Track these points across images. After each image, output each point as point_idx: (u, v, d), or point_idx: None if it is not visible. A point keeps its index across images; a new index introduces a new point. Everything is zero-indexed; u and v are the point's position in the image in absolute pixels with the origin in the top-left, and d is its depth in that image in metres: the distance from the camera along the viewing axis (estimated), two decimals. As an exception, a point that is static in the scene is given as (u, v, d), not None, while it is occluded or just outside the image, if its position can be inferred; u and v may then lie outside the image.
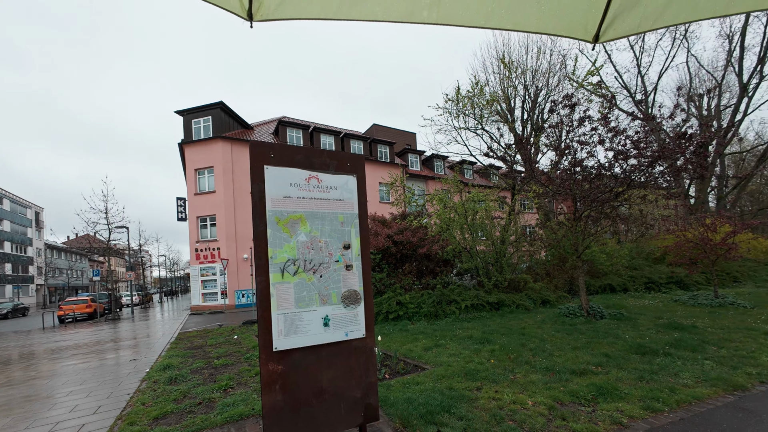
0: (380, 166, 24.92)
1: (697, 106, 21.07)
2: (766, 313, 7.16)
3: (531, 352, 5.25)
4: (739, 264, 15.25)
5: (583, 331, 6.41)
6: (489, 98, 11.48)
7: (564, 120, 6.53)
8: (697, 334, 5.61)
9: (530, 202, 9.95)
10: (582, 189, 6.55)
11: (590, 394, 3.41)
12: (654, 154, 5.82)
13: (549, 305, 9.96)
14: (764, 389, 3.44)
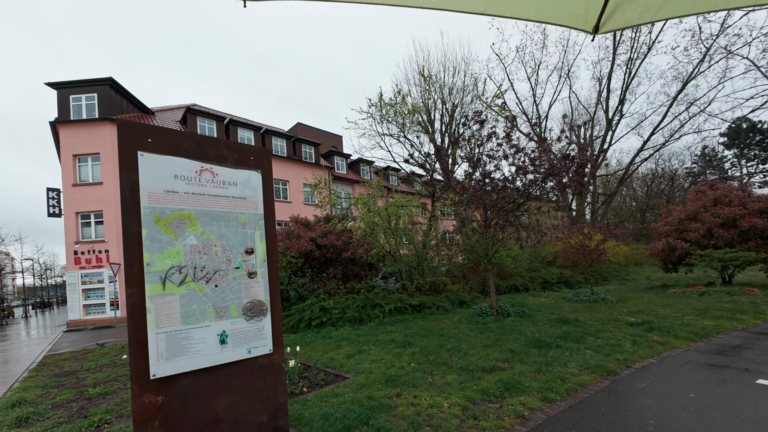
0: (305, 167, 23.83)
1: (577, 134, 25.24)
2: (627, 307, 8.74)
3: (448, 352, 5.45)
4: (607, 266, 18.61)
5: (493, 329, 6.95)
6: (411, 108, 12.00)
7: (475, 134, 7.13)
8: (579, 327, 6.52)
9: (448, 209, 10.64)
10: (491, 199, 7.19)
11: (498, 390, 3.62)
12: (546, 171, 6.71)
13: (465, 305, 10.67)
14: (629, 372, 4.09)
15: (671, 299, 9.51)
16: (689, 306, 8.19)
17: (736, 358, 4.33)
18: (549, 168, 6.92)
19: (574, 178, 7.05)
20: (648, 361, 4.48)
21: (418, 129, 13.70)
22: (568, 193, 22.81)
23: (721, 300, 8.69)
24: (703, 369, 4.04)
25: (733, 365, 4.09)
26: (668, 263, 12.36)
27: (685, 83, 20.59)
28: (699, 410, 2.99)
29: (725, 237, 10.54)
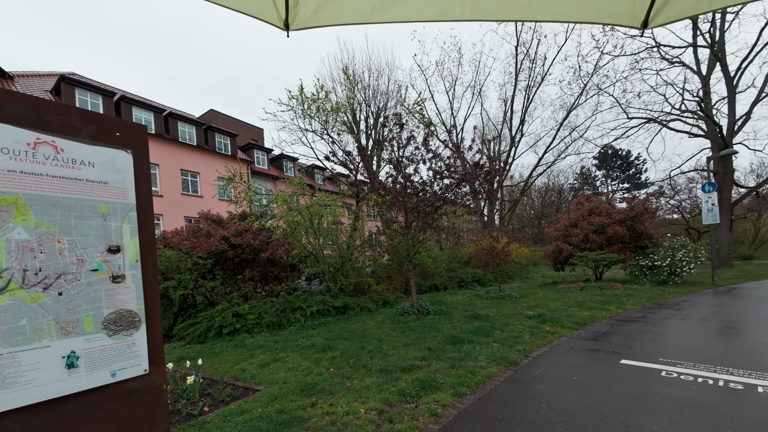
0: (219, 159, 21.33)
1: (488, 148, 28.04)
2: (527, 302, 9.89)
3: (369, 354, 5.39)
4: (512, 266, 21.00)
5: (413, 327, 7.15)
6: (335, 106, 11.81)
7: (395, 137, 7.34)
8: (489, 322, 7.12)
9: (373, 210, 10.75)
10: (411, 202, 7.44)
11: (414, 390, 3.66)
12: (460, 177, 7.20)
13: (389, 305, 10.85)
14: (527, 361, 4.55)
15: (560, 294, 11.09)
16: (572, 299, 9.63)
17: (605, 343, 5.16)
18: (463, 174, 7.38)
19: (483, 184, 7.64)
20: (542, 349, 5.06)
21: (343, 128, 13.57)
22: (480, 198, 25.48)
23: (595, 294, 10.43)
24: (582, 354, 4.71)
25: (604, 349, 4.85)
26: (557, 263, 14.45)
27: (569, 112, 24.56)
28: (580, 391, 3.44)
29: (597, 241, 12.75)
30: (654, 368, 3.93)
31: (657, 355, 4.37)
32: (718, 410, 2.85)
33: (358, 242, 10.63)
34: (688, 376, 3.63)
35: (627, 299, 9.05)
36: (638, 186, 34.71)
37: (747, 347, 4.54)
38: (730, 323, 5.89)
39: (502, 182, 26.47)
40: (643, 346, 4.82)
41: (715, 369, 3.77)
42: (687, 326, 5.89)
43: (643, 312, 7.38)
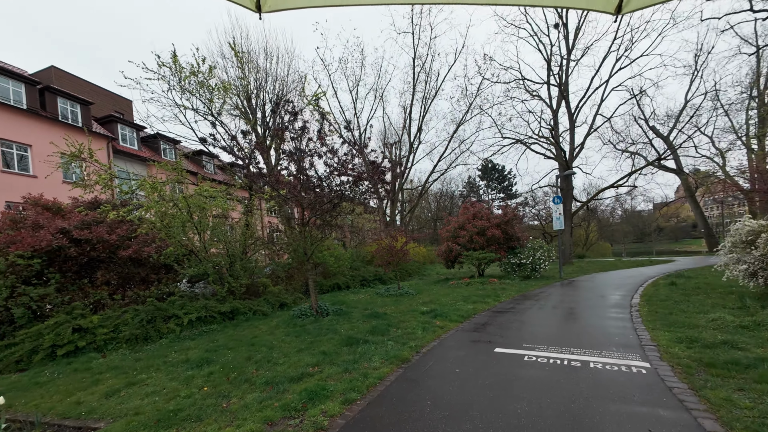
0: (63, 130, 15.95)
1: (390, 152, 29.40)
2: (422, 298, 10.53)
3: (256, 365, 4.83)
4: (411, 264, 22.38)
5: (310, 330, 6.78)
6: (223, 85, 10.47)
7: (288, 126, 6.90)
8: (386, 320, 7.26)
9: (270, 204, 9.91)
10: (308, 197, 7.09)
11: (301, 402, 3.35)
12: (357, 174, 7.11)
13: (286, 308, 10.16)
14: (418, 357, 4.71)
15: (450, 290, 12.20)
16: (460, 294, 10.66)
17: (484, 333, 5.76)
18: (360, 172, 7.28)
19: (381, 183, 7.66)
20: (432, 344, 5.34)
21: (236, 113, 12.18)
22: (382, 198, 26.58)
23: (478, 288, 11.80)
24: (465, 346, 5.13)
25: (482, 339, 5.40)
26: (448, 261, 15.95)
27: (458, 126, 27.59)
28: (461, 383, 3.67)
29: (479, 242, 14.54)
30: (519, 354, 4.50)
31: (522, 342, 5.05)
32: (564, 387, 3.37)
33: (252, 239, 9.64)
34: (542, 358, 4.26)
35: (502, 292, 10.47)
36: (510, 196, 41.26)
37: (582, 329, 5.63)
38: (571, 309, 7.30)
39: (402, 185, 28.03)
40: (512, 334, 5.53)
41: (561, 350, 4.52)
42: (543, 314, 7.05)
43: (513, 303, 8.60)
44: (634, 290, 9.27)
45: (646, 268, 16.98)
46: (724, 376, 3.32)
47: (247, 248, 9.61)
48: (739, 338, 4.26)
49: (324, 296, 12.50)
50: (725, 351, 3.92)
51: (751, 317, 5.05)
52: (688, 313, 5.94)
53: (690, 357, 3.90)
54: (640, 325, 5.58)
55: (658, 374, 3.53)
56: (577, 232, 38.54)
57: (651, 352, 4.22)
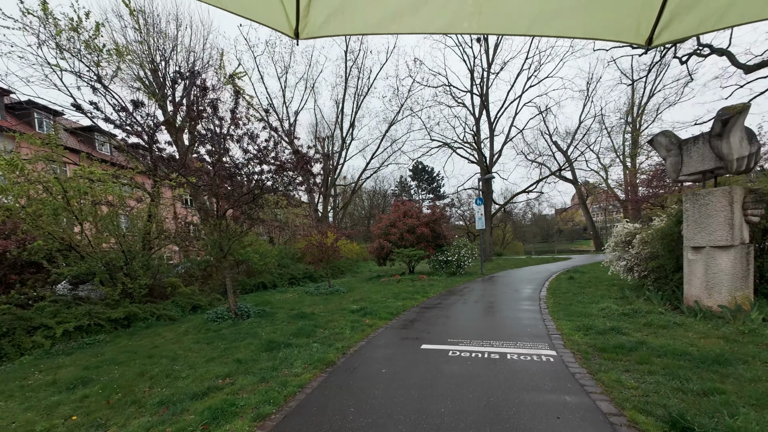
0: None
1: (322, 145, 28.64)
2: (353, 296, 10.32)
3: (150, 381, 4.06)
4: (344, 261, 22.09)
5: (226, 336, 6.05)
6: (117, 49, 8.81)
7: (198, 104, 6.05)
8: (313, 320, 6.87)
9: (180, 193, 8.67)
10: (224, 187, 6.33)
11: (202, 424, 2.84)
12: (280, 164, 6.58)
13: (200, 310, 9.04)
14: (344, 359, 4.46)
15: (381, 286, 12.23)
16: (390, 291, 10.73)
17: (412, 330, 5.78)
18: (282, 162, 6.67)
19: (304, 174, 7.07)
20: (360, 344, 5.15)
21: (137, 86, 10.41)
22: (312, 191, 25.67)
23: (408, 285, 12.05)
24: (393, 343, 5.05)
25: (410, 336, 5.39)
26: (380, 258, 16.03)
27: (390, 126, 28.26)
28: (386, 384, 3.53)
29: (410, 239, 14.91)
30: (444, 349, 4.57)
31: (447, 337, 5.16)
32: (484, 381, 3.46)
33: (156, 233, 8.30)
34: (465, 352, 4.37)
35: (430, 288, 10.83)
36: (439, 197, 43.62)
37: (500, 322, 6.01)
38: (491, 303, 7.82)
39: (335, 181, 27.53)
40: (438, 330, 5.64)
41: (482, 343, 4.71)
42: (467, 308, 7.40)
43: (440, 299, 8.91)
44: (541, 284, 10.38)
45: (550, 265, 19.34)
46: (613, 359, 3.76)
47: (150, 243, 8.25)
48: (622, 324, 4.93)
49: (247, 297, 11.49)
50: (613, 336, 4.49)
51: (629, 306, 5.94)
52: (584, 303, 6.78)
53: (587, 343, 4.37)
54: (547, 315, 6.17)
55: (563, 361, 3.86)
56: (496, 232, 42.44)
57: (556, 341, 4.64)
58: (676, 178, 5.87)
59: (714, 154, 5.20)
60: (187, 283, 10.26)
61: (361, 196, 40.95)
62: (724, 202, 4.99)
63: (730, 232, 4.92)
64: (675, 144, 5.79)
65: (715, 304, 5.02)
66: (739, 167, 5.00)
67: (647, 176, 21.97)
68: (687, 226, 5.43)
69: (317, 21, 1.63)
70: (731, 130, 4.90)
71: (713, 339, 4.11)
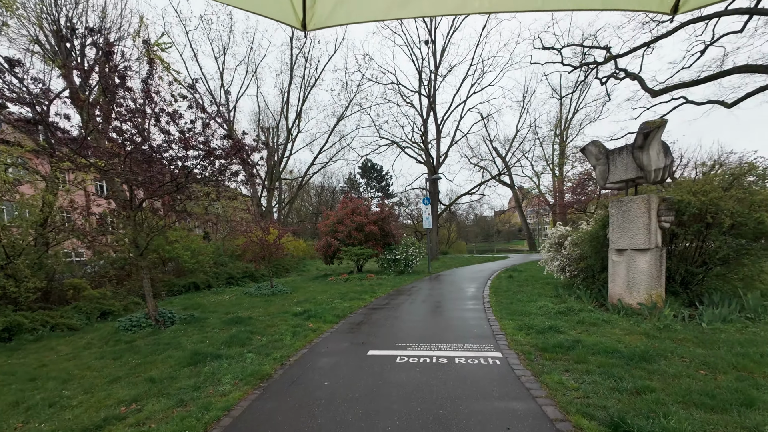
0: None
1: (267, 136, 27.00)
2: (297, 296, 9.71)
3: (27, 413, 3.22)
4: (289, 259, 21.06)
5: (140, 348, 5.17)
6: None
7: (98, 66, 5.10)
8: (250, 326, 6.21)
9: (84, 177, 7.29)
10: (139, 173, 5.40)
11: (87, 474, 2.23)
12: (209, 150, 5.73)
13: (111, 317, 7.75)
14: (282, 371, 4.00)
15: (328, 286, 11.75)
16: (338, 291, 10.33)
17: (359, 334, 5.48)
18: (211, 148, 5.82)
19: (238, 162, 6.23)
20: (301, 352, 4.71)
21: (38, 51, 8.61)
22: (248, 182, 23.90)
23: (356, 284, 11.74)
24: (338, 350, 4.70)
25: (357, 341, 5.08)
26: (327, 257, 15.49)
27: (338, 120, 27.71)
28: (329, 399, 3.18)
29: (358, 238, 14.61)
30: (392, 355, 4.34)
31: (395, 341, 4.95)
32: (433, 390, 3.29)
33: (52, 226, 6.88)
34: (413, 358, 4.19)
35: (378, 288, 10.64)
36: (388, 196, 44.01)
37: (447, 323, 5.98)
38: (438, 303, 7.85)
39: (280, 174, 26.20)
40: (386, 333, 5.42)
41: (430, 346, 4.59)
42: (414, 308, 7.32)
43: (388, 299, 8.74)
44: (484, 283, 10.80)
45: (491, 264, 20.48)
46: (554, 359, 3.85)
47: (45, 237, 6.81)
48: (559, 323, 5.18)
49: (174, 300, 10.22)
50: (552, 335, 4.66)
51: (564, 304, 6.32)
52: (523, 302, 7.09)
53: (529, 343, 4.47)
54: (491, 315, 6.30)
55: (509, 363, 3.87)
56: (442, 232, 44.06)
57: (501, 341, 4.69)
58: (603, 185, 6.37)
59: (636, 164, 5.71)
60: (96, 284, 8.77)
61: (309, 191, 39.67)
62: (643, 209, 5.50)
63: (648, 237, 5.43)
64: (603, 153, 6.28)
65: (634, 302, 5.52)
66: (656, 177, 5.55)
67: (572, 184, 24.50)
68: (612, 230, 5.91)
69: (324, 10, 1.60)
70: (651, 143, 5.41)
71: (636, 335, 4.45)
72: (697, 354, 3.63)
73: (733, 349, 3.67)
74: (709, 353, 3.63)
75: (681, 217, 5.62)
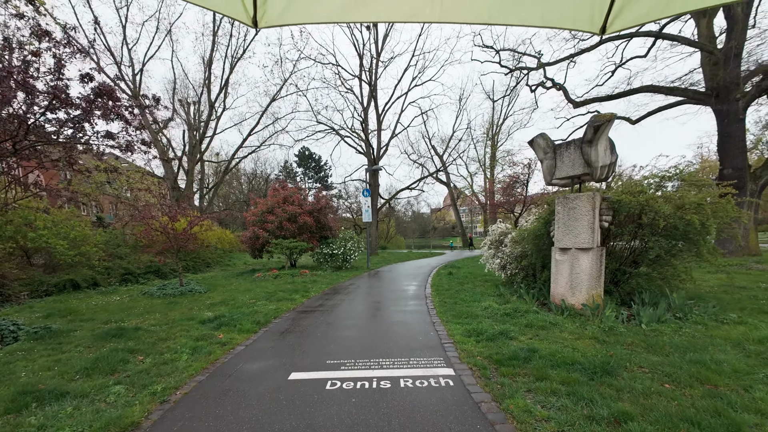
0: None
1: (186, 111, 23.70)
2: (213, 297, 8.12)
3: None
4: (212, 252, 18.54)
5: (-65, 384, 3.41)
6: None
7: None
8: (134, 340, 4.71)
9: None
10: None
11: None
12: (54, 94, 4.03)
13: None
14: (158, 416, 2.79)
15: (254, 284, 10.25)
16: (264, 290, 8.96)
17: (282, 347, 4.41)
18: (59, 89, 4.09)
19: (106, 117, 4.49)
20: (197, 379, 3.51)
21: None
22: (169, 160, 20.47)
23: (287, 282, 10.44)
24: (250, 375, 3.60)
25: (277, 358, 4.03)
26: (255, 250, 13.79)
27: (272, 100, 25.52)
28: (221, 467, 2.14)
29: (290, 229, 13.18)
30: (321, 378, 3.42)
31: (326, 356, 4.02)
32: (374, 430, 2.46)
33: None
34: (349, 381, 3.32)
35: (312, 285, 9.53)
36: (327, 187, 42.41)
37: (389, 329, 5.22)
38: (378, 305, 7.08)
39: (202, 155, 23.13)
40: (316, 345, 4.46)
41: (370, 363, 3.76)
42: (352, 311, 6.44)
43: (322, 299, 7.73)
44: (425, 280, 10.40)
45: (429, 259, 20.59)
46: (513, 375, 3.32)
47: None
48: (508, 327, 4.77)
49: (38, 303, 7.84)
50: (504, 343, 4.19)
51: (508, 304, 6.04)
52: (467, 302, 6.70)
53: (482, 354, 3.92)
54: (436, 318, 5.73)
55: (463, 383, 3.23)
56: (381, 227, 43.98)
57: (451, 352, 4.08)
58: (550, 180, 6.20)
59: (583, 160, 5.58)
60: None
61: (240, 178, 36.11)
62: (588, 207, 5.39)
63: (592, 235, 5.34)
64: (551, 147, 6.10)
65: (577, 302, 5.41)
66: (601, 175, 5.48)
67: (502, 185, 25.99)
68: (558, 228, 5.75)
69: (276, 8, 1.60)
70: (600, 137, 5.29)
71: (587, 340, 4.20)
72: (653, 363, 3.40)
73: (685, 355, 3.52)
74: (665, 361, 3.42)
75: (618, 216, 5.66)
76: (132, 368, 3.78)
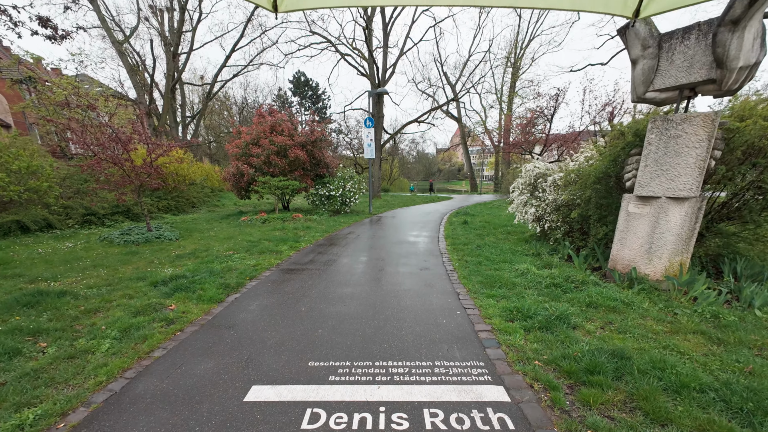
0: None
1: (160, 21, 20.04)
2: (183, 246, 6.80)
3: None
4: (199, 190, 16.99)
5: None
6: None
7: None
8: (49, 311, 3.40)
9: None
10: None
11: None
12: None
13: None
14: None
15: (238, 229, 8.93)
16: (247, 238, 7.65)
17: (246, 333, 3.11)
18: None
19: None
20: (108, 389, 2.22)
21: None
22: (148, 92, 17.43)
23: (275, 228, 9.10)
24: (181, 391, 2.30)
25: (236, 352, 2.73)
26: (240, 189, 12.16)
27: (256, 6, 21.40)
28: None
29: (280, 165, 11.28)
30: (296, 402, 2.12)
31: (309, 354, 2.72)
32: None
33: None
34: (339, 413, 2.02)
35: (304, 233, 8.20)
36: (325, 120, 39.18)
37: (398, 305, 3.93)
38: (382, 263, 5.75)
39: (180, 74, 20.23)
40: (297, 330, 3.15)
41: (373, 370, 2.46)
42: (350, 275, 5.13)
43: (314, 252, 6.41)
44: (437, 230, 8.99)
45: (436, 204, 19.11)
46: (604, 407, 2.02)
47: None
48: (564, 306, 3.45)
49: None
50: (567, 336, 2.87)
51: (551, 269, 4.68)
52: (495, 262, 5.36)
53: (539, 356, 2.62)
54: (459, 285, 4.41)
55: (530, 426, 1.91)
56: (384, 167, 41.91)
57: (491, 349, 2.78)
58: (644, 92, 4.26)
59: (712, 56, 3.63)
60: None
61: (230, 108, 32.95)
62: (702, 136, 3.67)
63: (698, 179, 3.72)
64: (655, 38, 4.08)
65: (655, 272, 4.01)
66: (735, 82, 3.61)
67: (521, 121, 23.33)
68: (645, 166, 4.06)
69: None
70: (753, 15, 3.29)
71: (689, 335, 2.87)
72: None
73: None
74: None
75: (734, 152, 3.97)
76: (18, 367, 2.49)
